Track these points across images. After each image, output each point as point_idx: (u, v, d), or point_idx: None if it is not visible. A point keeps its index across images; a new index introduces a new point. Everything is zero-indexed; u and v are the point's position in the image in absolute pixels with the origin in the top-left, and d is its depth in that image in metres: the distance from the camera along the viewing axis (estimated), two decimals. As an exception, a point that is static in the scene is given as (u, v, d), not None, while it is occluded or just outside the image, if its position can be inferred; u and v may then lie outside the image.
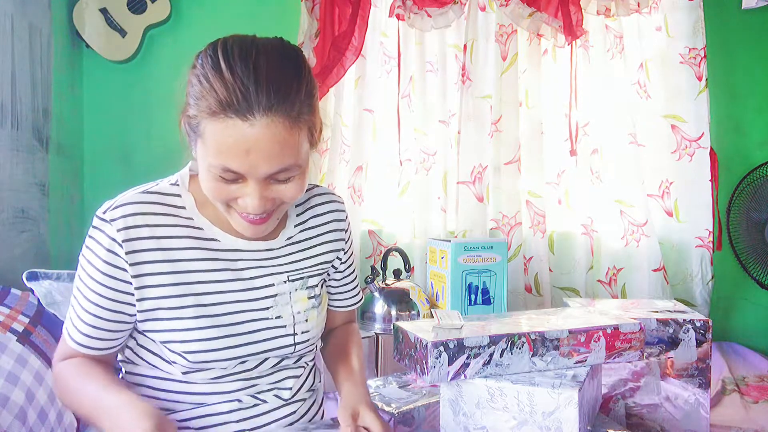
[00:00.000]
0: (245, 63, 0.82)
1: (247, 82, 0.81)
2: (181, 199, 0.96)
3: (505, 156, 2.29)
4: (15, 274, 1.64)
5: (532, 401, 0.84)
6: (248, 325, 0.95)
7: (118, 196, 0.94)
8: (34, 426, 1.24)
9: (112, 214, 0.90)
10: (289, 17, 2.27)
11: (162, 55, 2.26)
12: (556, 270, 2.34)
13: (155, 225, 0.91)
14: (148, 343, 0.96)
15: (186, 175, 0.98)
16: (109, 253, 0.89)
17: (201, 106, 0.83)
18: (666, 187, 2.32)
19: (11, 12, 1.80)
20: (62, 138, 2.11)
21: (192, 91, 0.85)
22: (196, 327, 0.91)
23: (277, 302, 0.98)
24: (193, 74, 0.86)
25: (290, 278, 1.00)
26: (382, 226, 2.35)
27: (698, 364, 1.06)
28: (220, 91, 0.81)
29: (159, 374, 0.96)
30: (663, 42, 2.32)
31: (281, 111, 0.82)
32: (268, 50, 0.85)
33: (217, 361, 0.92)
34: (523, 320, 0.97)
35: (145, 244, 0.90)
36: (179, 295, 0.91)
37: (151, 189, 0.95)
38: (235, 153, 0.82)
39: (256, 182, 0.85)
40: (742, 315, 2.44)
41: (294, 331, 0.99)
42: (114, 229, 0.89)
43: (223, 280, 0.94)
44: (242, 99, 0.80)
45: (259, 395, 0.98)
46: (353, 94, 2.26)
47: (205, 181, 0.88)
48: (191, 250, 0.93)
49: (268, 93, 0.81)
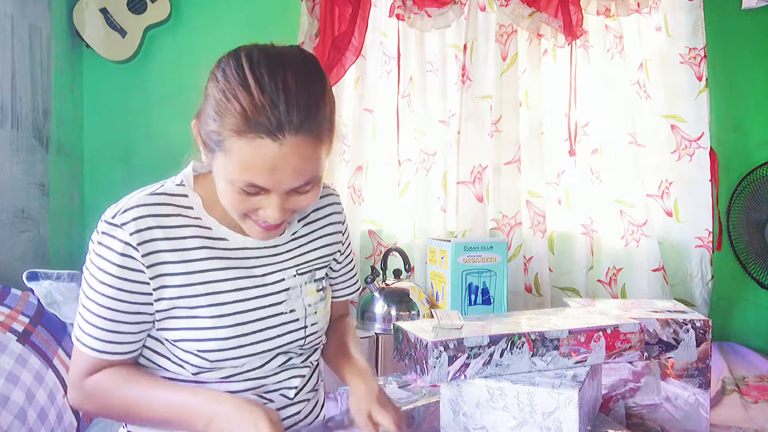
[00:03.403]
0: (274, 80, 0.81)
1: (277, 101, 0.80)
2: (188, 200, 0.95)
3: (505, 156, 2.29)
4: (15, 274, 1.64)
5: (532, 401, 0.84)
6: (264, 321, 0.96)
7: (122, 200, 0.92)
8: (34, 426, 1.24)
9: (123, 218, 0.88)
10: (289, 17, 2.27)
11: (162, 55, 2.26)
12: (556, 270, 2.34)
13: (167, 226, 0.91)
14: (156, 345, 0.95)
15: (190, 175, 0.98)
16: (124, 258, 0.88)
17: (227, 123, 0.82)
18: (666, 187, 2.32)
19: (11, 12, 1.80)
20: (62, 138, 2.11)
21: (214, 105, 0.83)
22: (212, 326, 0.91)
23: (290, 296, 0.99)
24: (215, 87, 0.84)
25: (299, 272, 1.01)
26: (382, 226, 2.35)
27: (698, 364, 1.06)
28: (249, 109, 0.80)
29: (167, 376, 0.95)
30: (663, 42, 2.32)
31: (309, 130, 0.82)
32: (293, 64, 0.84)
33: (233, 359, 0.93)
34: (523, 320, 0.97)
35: (159, 245, 0.90)
36: (195, 295, 0.91)
37: (158, 190, 0.94)
38: (263, 170, 0.82)
39: (278, 195, 0.86)
40: (742, 315, 2.44)
41: (305, 324, 1.00)
42: (126, 233, 0.88)
43: (235, 278, 0.95)
44: (272, 118, 0.80)
45: (266, 395, 0.98)
46: (353, 94, 2.26)
47: (227, 194, 0.87)
48: (202, 250, 0.93)
49: (298, 112, 0.81)
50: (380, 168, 2.34)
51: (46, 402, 1.29)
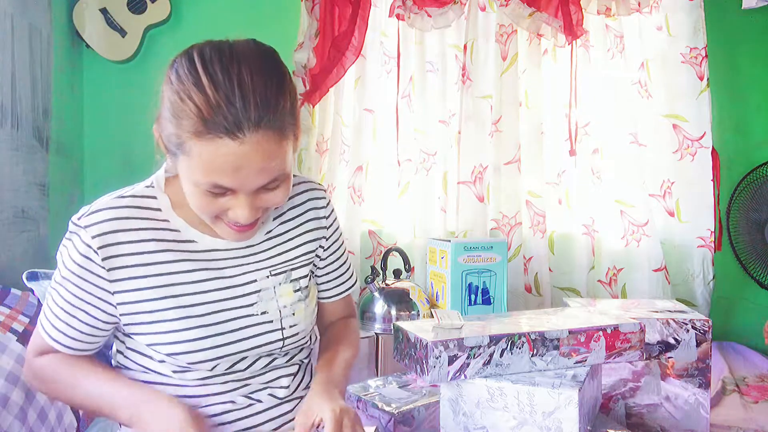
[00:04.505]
0: (228, 76, 0.78)
1: (233, 98, 0.78)
2: (157, 201, 0.94)
3: (505, 156, 2.28)
4: (15, 274, 1.64)
5: (532, 401, 0.84)
6: (233, 323, 0.94)
7: (94, 201, 0.92)
8: (34, 426, 1.24)
9: (87, 220, 0.89)
10: (289, 17, 2.27)
11: (162, 55, 2.26)
12: (557, 270, 2.34)
13: (131, 229, 0.90)
14: (137, 345, 0.95)
15: (161, 177, 0.97)
16: (84, 259, 0.89)
17: (184, 126, 0.79)
18: (667, 187, 2.32)
19: (11, 12, 1.80)
20: (62, 138, 2.11)
21: (170, 107, 0.81)
22: (179, 329, 0.91)
23: (261, 297, 0.97)
24: (169, 89, 0.82)
25: (273, 273, 0.99)
26: (382, 226, 2.35)
27: (698, 364, 1.06)
28: (205, 110, 0.77)
29: (152, 378, 0.95)
30: (664, 42, 2.32)
31: (270, 125, 0.80)
32: (248, 58, 0.81)
33: (205, 362, 0.92)
34: (523, 320, 0.97)
35: (121, 249, 0.89)
36: (159, 298, 0.91)
37: (126, 194, 0.94)
38: (225, 171, 0.80)
39: (246, 194, 0.84)
40: (742, 315, 2.44)
41: (282, 326, 0.98)
42: (89, 236, 0.88)
43: (202, 280, 0.93)
44: (229, 115, 0.77)
45: (252, 395, 0.97)
46: (353, 94, 2.26)
47: (193, 196, 0.86)
48: (168, 252, 0.92)
49: (256, 108, 0.78)
50: (380, 168, 2.34)
51: (46, 402, 1.29)
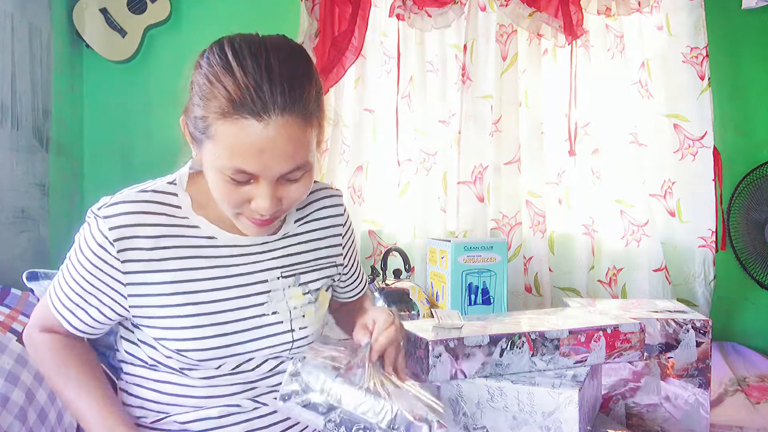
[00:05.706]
0: (256, 61, 0.81)
1: (260, 81, 0.80)
2: (178, 199, 0.95)
3: (505, 156, 2.28)
4: (15, 274, 1.64)
5: (532, 401, 0.84)
6: (244, 322, 0.94)
7: (117, 193, 0.94)
8: (34, 426, 1.24)
9: (107, 211, 0.90)
10: (289, 17, 2.27)
11: (162, 55, 2.26)
12: (557, 270, 2.34)
13: (149, 224, 0.91)
14: (146, 338, 0.95)
15: (185, 174, 0.98)
16: (100, 249, 0.89)
17: (211, 107, 0.81)
18: (668, 186, 2.31)
19: (11, 12, 1.80)
20: (62, 138, 2.11)
21: (199, 91, 0.84)
22: (190, 326, 0.91)
23: (271, 298, 0.97)
24: (199, 74, 0.85)
25: (284, 274, 1.00)
26: (382, 226, 2.35)
27: (698, 364, 1.06)
28: (233, 91, 0.79)
29: (159, 377, 0.96)
30: (664, 41, 2.32)
31: (296, 110, 0.81)
32: (277, 48, 0.84)
33: (216, 359, 0.92)
34: (523, 320, 0.97)
35: (137, 243, 0.90)
36: (171, 293, 0.91)
37: (148, 188, 0.95)
38: (250, 154, 0.81)
39: (268, 183, 0.85)
40: (743, 315, 2.44)
41: (291, 327, 0.98)
42: (106, 227, 0.89)
43: (216, 277, 0.94)
44: (257, 98, 0.79)
45: (258, 398, 0.97)
46: (353, 94, 2.26)
47: (216, 185, 0.87)
48: (183, 249, 0.93)
49: (282, 92, 0.80)
50: (380, 168, 2.34)
51: (46, 402, 1.29)
